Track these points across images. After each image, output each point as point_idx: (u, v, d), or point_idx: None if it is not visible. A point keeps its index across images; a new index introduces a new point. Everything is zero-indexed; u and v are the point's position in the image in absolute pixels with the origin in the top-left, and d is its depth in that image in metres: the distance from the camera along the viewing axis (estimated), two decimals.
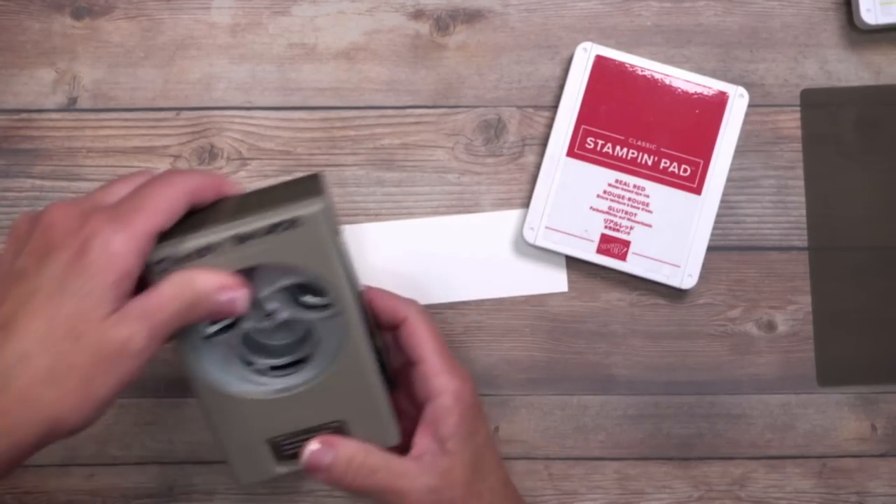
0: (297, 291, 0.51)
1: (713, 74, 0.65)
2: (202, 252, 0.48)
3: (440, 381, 0.54)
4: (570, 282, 0.66)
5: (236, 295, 0.48)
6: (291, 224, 0.48)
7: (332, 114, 0.66)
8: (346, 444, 0.52)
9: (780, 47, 0.66)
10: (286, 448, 0.52)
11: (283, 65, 0.66)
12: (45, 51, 0.66)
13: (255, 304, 0.50)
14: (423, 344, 0.55)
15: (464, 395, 0.54)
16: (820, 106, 0.66)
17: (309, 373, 0.52)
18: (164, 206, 0.48)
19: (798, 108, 0.66)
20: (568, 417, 0.66)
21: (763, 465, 0.66)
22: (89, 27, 0.66)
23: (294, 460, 0.53)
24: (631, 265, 0.64)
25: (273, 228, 0.48)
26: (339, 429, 0.52)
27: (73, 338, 0.45)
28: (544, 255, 0.65)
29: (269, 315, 0.51)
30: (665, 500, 0.66)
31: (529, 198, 0.65)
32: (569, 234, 0.64)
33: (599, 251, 0.64)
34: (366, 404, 0.52)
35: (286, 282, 0.50)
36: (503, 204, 0.66)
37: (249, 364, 0.52)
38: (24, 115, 0.65)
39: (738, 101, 0.64)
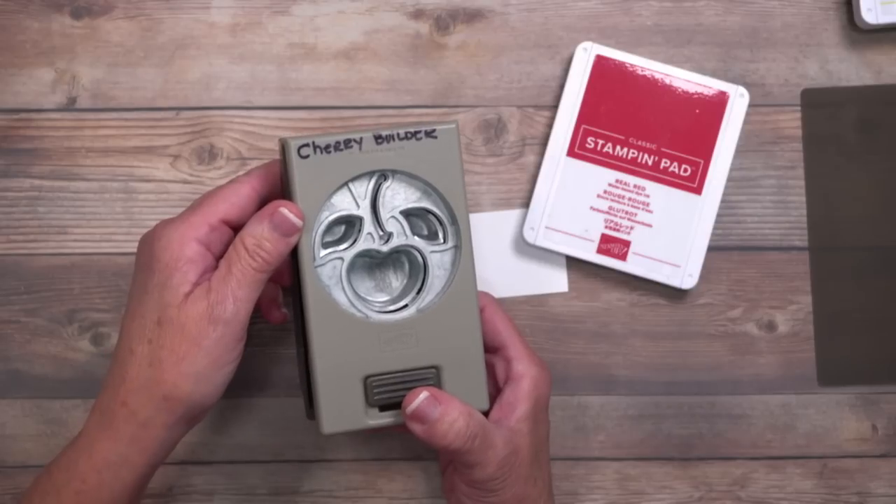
0: (415, 225, 0.55)
1: (714, 74, 0.65)
2: (342, 145, 0.53)
3: (522, 364, 0.57)
4: (570, 282, 0.66)
5: (287, 209, 0.52)
6: (428, 134, 0.54)
7: (332, 113, 0.66)
8: (453, 403, 0.53)
9: (781, 47, 0.66)
10: (378, 394, 0.54)
11: (283, 65, 0.66)
12: (45, 50, 0.65)
13: (376, 224, 0.54)
14: (504, 331, 0.58)
15: (542, 383, 0.57)
16: (820, 106, 0.66)
17: (415, 311, 0.55)
18: (223, 195, 0.53)
19: (798, 108, 0.66)
20: (568, 417, 0.66)
21: (764, 466, 0.66)
22: (89, 27, 0.66)
23: (383, 413, 0.54)
24: (631, 265, 0.64)
25: (411, 135, 0.53)
26: (434, 377, 0.54)
27: (160, 325, 0.51)
28: (544, 255, 0.65)
29: (387, 238, 0.54)
30: (665, 500, 0.66)
31: (529, 198, 0.65)
32: (569, 234, 0.64)
33: (600, 251, 0.64)
34: (465, 352, 0.55)
35: (408, 205, 0.55)
36: (503, 204, 0.66)
37: (361, 298, 0.55)
38: (23, 115, 0.65)
39: (738, 101, 0.64)
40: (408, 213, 0.55)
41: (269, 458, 0.65)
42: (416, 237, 0.55)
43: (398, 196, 0.55)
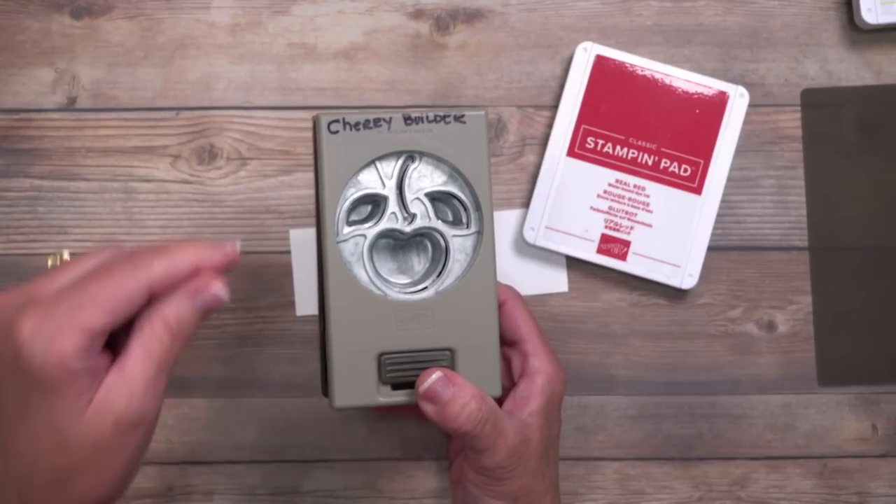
0: (440, 210, 0.56)
1: (713, 74, 0.65)
2: (372, 123, 0.54)
3: (539, 360, 0.57)
4: (570, 282, 0.66)
5: (214, 286, 0.45)
6: (457, 119, 0.54)
7: None
8: (466, 386, 0.53)
9: (781, 47, 0.66)
10: (391, 372, 0.54)
11: (283, 64, 0.66)
12: (45, 50, 0.65)
13: (401, 204, 0.55)
14: (524, 326, 0.58)
15: (556, 380, 0.57)
16: (820, 106, 0.66)
17: (433, 293, 0.55)
18: (112, 299, 0.43)
19: (798, 108, 0.66)
20: (568, 417, 0.66)
21: (764, 466, 0.66)
22: (88, 27, 0.66)
23: (395, 391, 0.55)
24: (631, 265, 0.64)
25: (440, 119, 0.54)
26: (448, 360, 0.55)
27: (62, 448, 0.43)
28: (544, 255, 0.65)
29: (410, 219, 0.55)
30: (665, 500, 0.66)
31: (529, 198, 0.65)
32: (569, 234, 0.64)
33: (600, 251, 0.64)
34: (480, 337, 0.55)
35: (433, 188, 0.55)
36: (503, 204, 0.66)
37: (382, 278, 0.55)
38: (23, 115, 0.65)
39: (738, 101, 0.64)
40: (433, 197, 0.55)
41: (269, 458, 0.65)
42: (439, 220, 0.56)
43: (424, 178, 0.55)
